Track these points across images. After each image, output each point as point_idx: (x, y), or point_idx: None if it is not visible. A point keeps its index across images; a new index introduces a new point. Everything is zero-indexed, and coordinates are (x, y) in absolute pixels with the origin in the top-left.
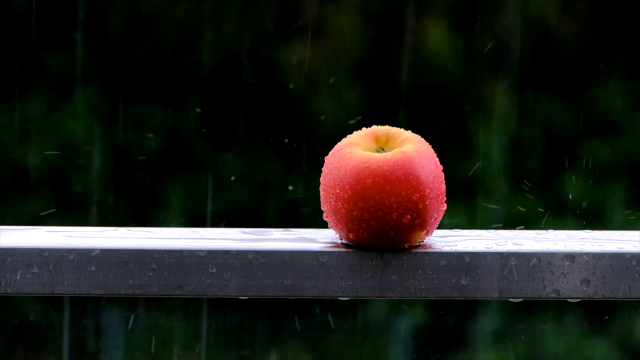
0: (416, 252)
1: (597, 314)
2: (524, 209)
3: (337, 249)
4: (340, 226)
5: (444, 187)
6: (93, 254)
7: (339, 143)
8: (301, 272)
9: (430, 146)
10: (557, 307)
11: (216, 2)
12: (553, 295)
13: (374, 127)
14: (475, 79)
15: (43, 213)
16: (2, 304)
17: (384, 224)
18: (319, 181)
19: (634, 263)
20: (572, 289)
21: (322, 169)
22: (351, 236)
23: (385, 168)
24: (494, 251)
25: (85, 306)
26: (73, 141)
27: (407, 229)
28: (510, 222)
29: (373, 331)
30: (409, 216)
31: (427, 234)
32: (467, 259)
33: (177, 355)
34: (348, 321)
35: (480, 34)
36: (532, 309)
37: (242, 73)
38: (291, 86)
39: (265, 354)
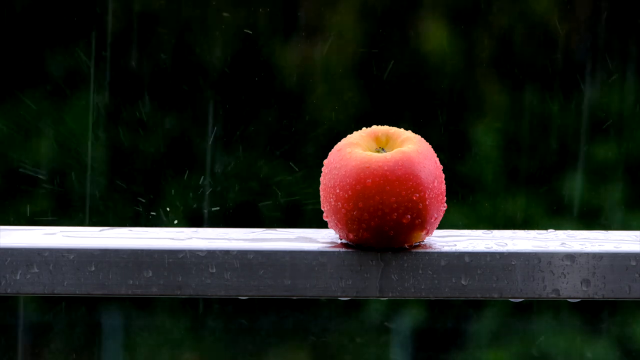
0: (416, 252)
1: (597, 314)
2: (523, 209)
3: (337, 249)
4: (340, 226)
5: (444, 187)
6: (93, 254)
7: (338, 143)
8: (301, 272)
9: (430, 146)
10: (557, 307)
11: (215, 2)
12: (553, 295)
13: (374, 127)
14: (475, 79)
15: (42, 213)
16: (2, 304)
17: (384, 224)
18: (319, 181)
19: (634, 263)
20: (572, 289)
21: (322, 169)
22: (351, 236)
23: (386, 168)
24: (494, 251)
25: (85, 306)
26: (73, 141)
27: (407, 229)
28: (510, 222)
29: (373, 331)
30: (409, 216)
31: (427, 234)
32: (467, 259)
33: (176, 355)
34: (348, 321)
35: (480, 33)
36: (532, 309)
37: (241, 73)
38: (290, 86)
39: (266, 354)
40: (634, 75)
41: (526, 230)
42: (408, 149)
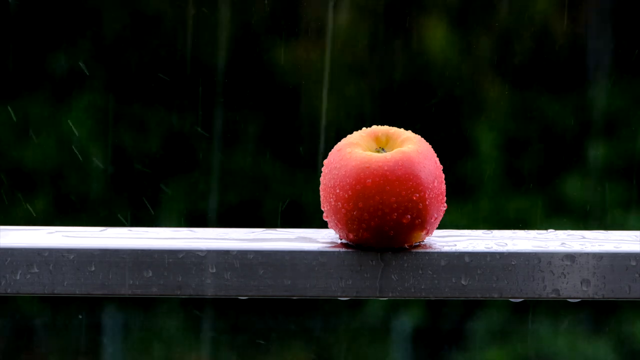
0: (416, 252)
1: (597, 314)
2: (523, 209)
3: (337, 249)
4: (340, 226)
5: (444, 187)
6: (93, 254)
7: (339, 143)
8: (301, 272)
9: (430, 146)
10: (557, 307)
11: (216, 2)
12: (553, 295)
13: (374, 127)
14: (475, 79)
15: (42, 213)
16: (2, 304)
17: (384, 224)
18: (319, 181)
19: (634, 263)
20: (572, 289)
21: (322, 169)
22: (351, 236)
23: (386, 168)
24: (494, 251)
25: (85, 306)
26: (73, 141)
27: (407, 229)
28: (509, 222)
29: (373, 331)
30: (409, 216)
31: (427, 234)
32: (467, 259)
33: (176, 355)
34: (348, 321)
35: (480, 33)
36: (532, 309)
37: (241, 72)
38: (291, 86)
39: (266, 354)
40: (633, 75)
41: (526, 230)
42: (408, 149)
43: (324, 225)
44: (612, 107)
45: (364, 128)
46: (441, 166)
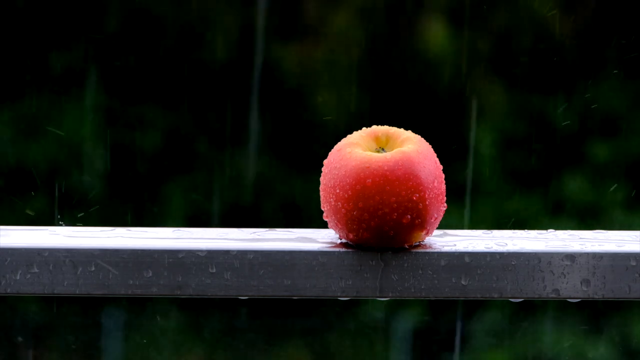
0: (416, 252)
1: (597, 314)
2: (523, 209)
3: (337, 249)
4: (340, 226)
5: (444, 187)
6: (93, 254)
7: (339, 143)
8: (301, 272)
9: (430, 146)
10: (557, 307)
11: (216, 2)
12: (553, 295)
13: (374, 127)
14: (474, 79)
15: (42, 213)
16: (2, 304)
17: (384, 224)
18: (319, 181)
19: (634, 263)
20: (572, 289)
21: (322, 168)
22: (351, 236)
23: (386, 168)
24: (494, 251)
25: (85, 306)
26: (73, 141)
27: (407, 229)
28: (509, 222)
29: (373, 331)
30: (409, 216)
31: (427, 234)
32: (467, 259)
33: (176, 355)
34: (348, 321)
35: (480, 33)
36: (532, 309)
37: (242, 72)
38: (291, 86)
39: (266, 354)
40: (633, 75)
41: (526, 230)
42: (408, 149)
43: (324, 225)
44: (612, 106)
45: (364, 128)
46: (441, 166)
